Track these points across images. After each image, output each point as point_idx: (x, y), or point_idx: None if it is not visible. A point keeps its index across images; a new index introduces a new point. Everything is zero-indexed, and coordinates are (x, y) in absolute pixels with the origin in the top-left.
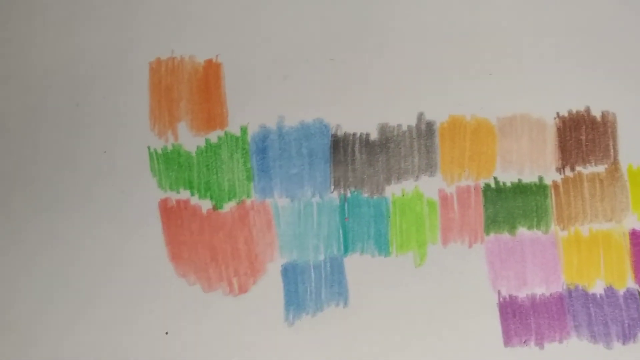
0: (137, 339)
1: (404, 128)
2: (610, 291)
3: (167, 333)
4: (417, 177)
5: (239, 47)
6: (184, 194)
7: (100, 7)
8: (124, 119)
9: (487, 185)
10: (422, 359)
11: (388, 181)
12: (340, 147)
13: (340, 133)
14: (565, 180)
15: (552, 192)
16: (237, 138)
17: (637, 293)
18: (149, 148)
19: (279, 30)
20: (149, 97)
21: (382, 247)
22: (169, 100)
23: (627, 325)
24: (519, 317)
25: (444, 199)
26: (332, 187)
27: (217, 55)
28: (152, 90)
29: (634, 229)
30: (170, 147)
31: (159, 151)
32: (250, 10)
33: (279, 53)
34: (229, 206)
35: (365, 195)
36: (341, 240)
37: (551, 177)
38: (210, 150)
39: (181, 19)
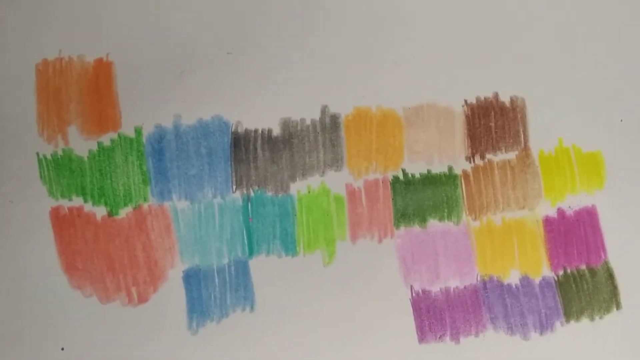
0: (30, 356)
1: (308, 122)
2: (525, 281)
3: (62, 349)
4: (323, 172)
5: (130, 44)
6: (77, 201)
7: None
8: (10, 124)
9: (396, 178)
10: None
11: (293, 178)
12: (241, 144)
13: (240, 130)
14: (476, 169)
15: (462, 181)
16: (131, 140)
17: (553, 281)
18: (37, 154)
19: (173, 24)
20: (35, 100)
21: (289, 247)
22: (57, 103)
23: (544, 314)
24: (433, 312)
25: (352, 193)
26: (234, 187)
27: (107, 54)
28: (39, 93)
29: (547, 216)
30: (60, 153)
31: (49, 157)
32: (142, 4)
33: (173, 48)
34: (125, 212)
35: (270, 193)
36: (245, 242)
37: (461, 166)
38: (103, 153)
39: (69, 17)
